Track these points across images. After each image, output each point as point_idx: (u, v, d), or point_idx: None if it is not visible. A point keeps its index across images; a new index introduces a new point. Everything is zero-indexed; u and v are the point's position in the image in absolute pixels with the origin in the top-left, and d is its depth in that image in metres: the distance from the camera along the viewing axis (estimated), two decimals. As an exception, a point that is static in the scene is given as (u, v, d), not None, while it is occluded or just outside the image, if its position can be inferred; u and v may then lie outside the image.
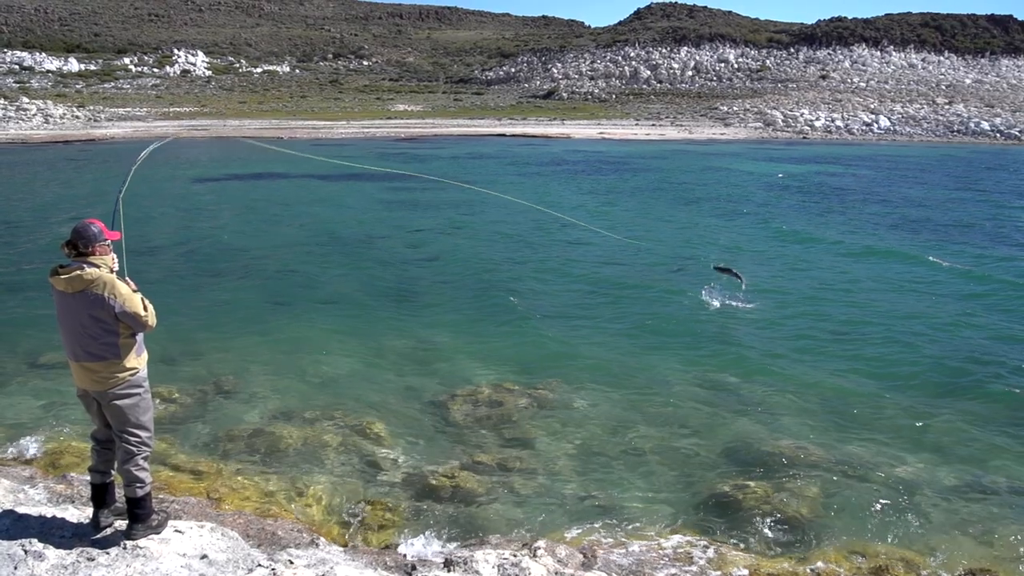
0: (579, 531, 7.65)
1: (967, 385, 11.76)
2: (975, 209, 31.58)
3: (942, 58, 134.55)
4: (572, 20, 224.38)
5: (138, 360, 5.82)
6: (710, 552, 7.21)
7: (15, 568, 5.54)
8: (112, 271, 5.76)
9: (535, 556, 6.62)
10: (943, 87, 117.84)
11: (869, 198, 34.73)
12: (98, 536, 6.01)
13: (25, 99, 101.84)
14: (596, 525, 7.76)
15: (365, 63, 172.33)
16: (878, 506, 8.21)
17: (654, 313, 15.32)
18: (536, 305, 16.17)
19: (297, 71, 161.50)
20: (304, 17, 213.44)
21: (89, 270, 5.59)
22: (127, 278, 5.85)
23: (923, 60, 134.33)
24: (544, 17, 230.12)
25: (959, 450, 9.63)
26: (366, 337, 13.90)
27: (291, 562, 6.17)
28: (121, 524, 6.07)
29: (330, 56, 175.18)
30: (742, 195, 35.43)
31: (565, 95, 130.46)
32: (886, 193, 36.70)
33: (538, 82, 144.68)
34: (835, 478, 8.76)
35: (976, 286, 18.10)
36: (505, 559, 6.52)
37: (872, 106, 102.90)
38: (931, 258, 20.84)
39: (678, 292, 16.81)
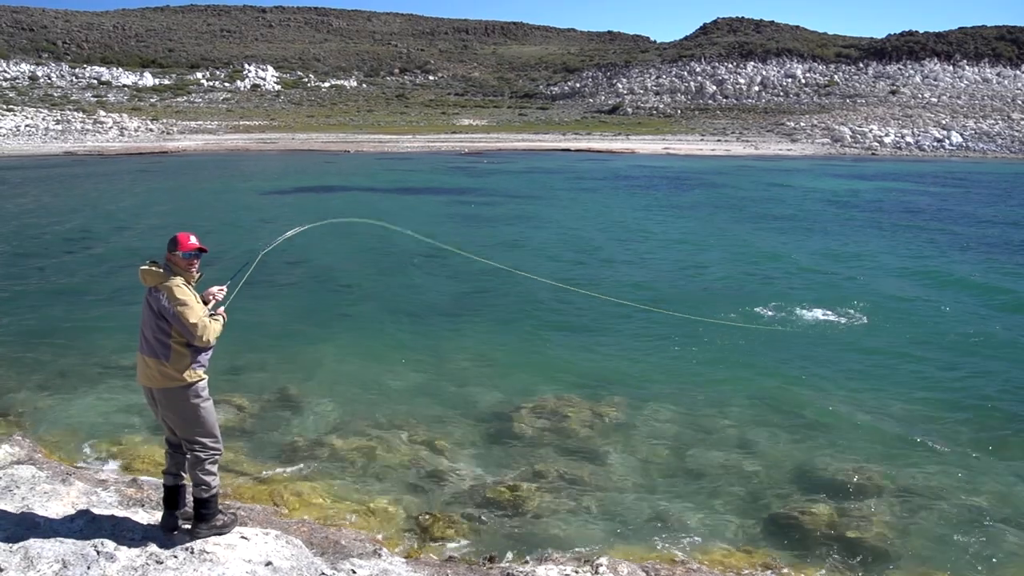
0: (641, 549, 7.56)
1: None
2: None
3: (1019, 72, 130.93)
4: (638, 35, 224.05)
5: (190, 373, 5.97)
6: (774, 575, 7.07)
7: (88, 568, 5.68)
8: (190, 283, 6.08)
9: (597, 572, 6.57)
10: (1019, 102, 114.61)
11: (940, 217, 33.90)
12: (167, 539, 6.16)
13: (102, 112, 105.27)
14: (658, 544, 7.66)
15: (431, 78, 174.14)
16: (950, 533, 7.95)
17: (717, 332, 15.11)
18: (600, 321, 16.10)
19: (364, 85, 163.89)
20: (372, 32, 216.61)
21: (164, 271, 5.98)
22: (221, 310, 6.30)
23: (998, 75, 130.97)
24: (609, 32, 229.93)
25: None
26: (429, 348, 13.97)
27: (354, 572, 6.21)
28: (190, 526, 6.24)
29: (397, 71, 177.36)
30: (808, 212, 34.90)
31: (630, 110, 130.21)
32: (958, 212, 35.76)
33: (603, 97, 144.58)
34: (904, 503, 8.52)
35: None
36: (567, 575, 6.49)
37: (944, 122, 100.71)
38: (1005, 282, 20.25)
39: (742, 311, 16.58)
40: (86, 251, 23.40)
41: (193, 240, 6.10)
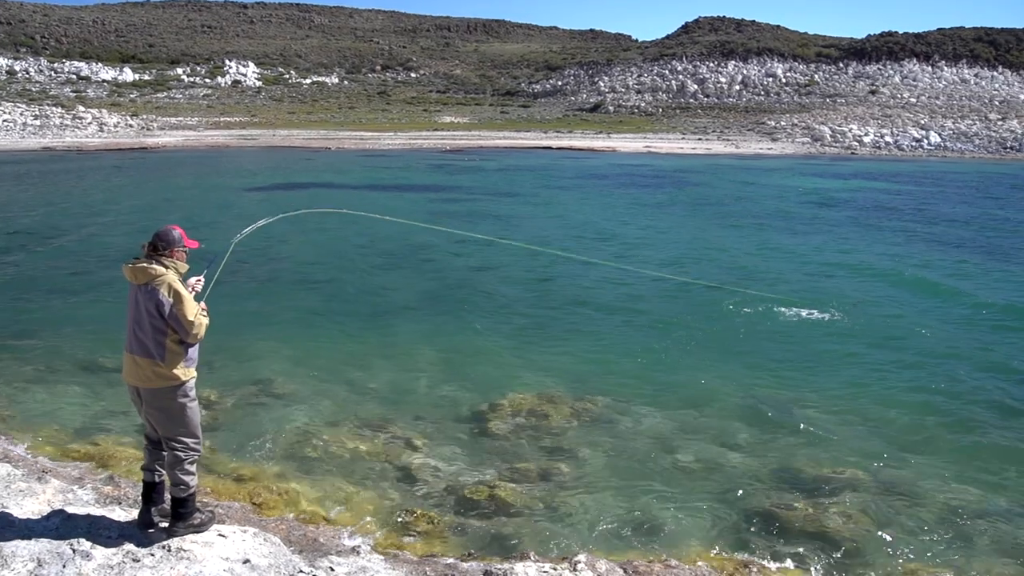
0: (620, 546, 7.58)
1: (1020, 410, 11.48)
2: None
3: (996, 73, 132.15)
4: (620, 34, 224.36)
5: (183, 371, 5.94)
6: (753, 572, 7.11)
7: (63, 567, 5.65)
8: (180, 275, 6.07)
9: (575, 570, 6.58)
10: (996, 103, 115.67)
11: (918, 216, 34.18)
12: (144, 537, 6.12)
13: (81, 108, 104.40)
14: (637, 541, 7.69)
15: (413, 75, 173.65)
16: (927, 530, 8.03)
17: (698, 330, 15.19)
18: (579, 318, 16.13)
19: (346, 82, 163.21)
20: (353, 29, 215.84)
21: (157, 267, 5.88)
22: (203, 303, 6.24)
23: (976, 75, 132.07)
24: (592, 31, 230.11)
25: (1012, 475, 9.40)
26: (407, 345, 13.95)
27: (332, 569, 6.21)
28: (167, 524, 6.21)
29: (378, 68, 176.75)
30: (784, 211, 35.07)
31: (612, 108, 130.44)
32: (936, 211, 36.05)
33: (585, 95, 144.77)
34: (883, 500, 8.59)
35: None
36: (545, 572, 6.50)
37: (922, 122, 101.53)
38: (978, 282, 20.41)
39: (723, 309, 16.66)
40: (59, 247, 23.19)
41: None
